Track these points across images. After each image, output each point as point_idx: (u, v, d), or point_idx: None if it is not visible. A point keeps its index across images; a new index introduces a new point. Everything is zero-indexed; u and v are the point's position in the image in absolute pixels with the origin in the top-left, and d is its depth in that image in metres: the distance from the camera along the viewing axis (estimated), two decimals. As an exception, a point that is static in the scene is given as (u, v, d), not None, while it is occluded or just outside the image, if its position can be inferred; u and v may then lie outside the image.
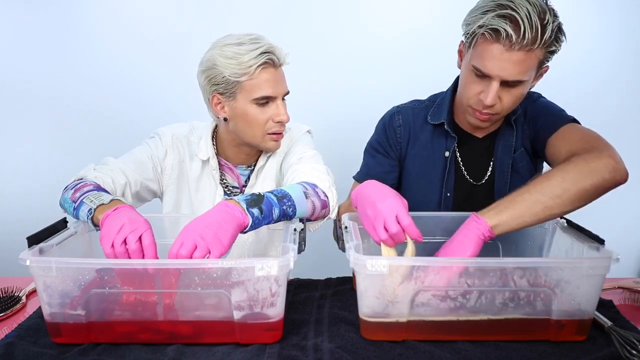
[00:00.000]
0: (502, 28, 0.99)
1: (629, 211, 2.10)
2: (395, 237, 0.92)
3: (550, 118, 1.17)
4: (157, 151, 1.25)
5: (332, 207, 1.09)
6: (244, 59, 1.09)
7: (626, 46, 2.08)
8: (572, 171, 0.95)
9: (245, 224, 0.89)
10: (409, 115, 1.31)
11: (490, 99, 1.07)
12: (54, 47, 2.09)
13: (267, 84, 1.12)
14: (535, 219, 0.95)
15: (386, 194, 0.95)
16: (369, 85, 2.08)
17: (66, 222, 1.02)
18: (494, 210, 0.95)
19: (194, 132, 1.29)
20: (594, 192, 0.95)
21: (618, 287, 1.15)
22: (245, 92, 1.13)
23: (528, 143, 1.24)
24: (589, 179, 0.94)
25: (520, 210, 0.94)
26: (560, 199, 0.94)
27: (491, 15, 1.01)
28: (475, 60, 1.07)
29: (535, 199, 0.94)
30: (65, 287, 0.86)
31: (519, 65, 1.02)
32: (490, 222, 0.93)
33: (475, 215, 0.96)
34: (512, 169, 1.24)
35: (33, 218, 1.24)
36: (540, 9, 1.00)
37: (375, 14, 2.08)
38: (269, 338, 0.89)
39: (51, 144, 2.19)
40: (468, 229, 0.95)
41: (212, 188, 1.28)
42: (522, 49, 1.00)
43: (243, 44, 1.10)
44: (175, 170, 1.27)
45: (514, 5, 0.99)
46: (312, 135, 1.34)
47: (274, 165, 1.29)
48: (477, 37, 1.05)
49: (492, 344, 0.88)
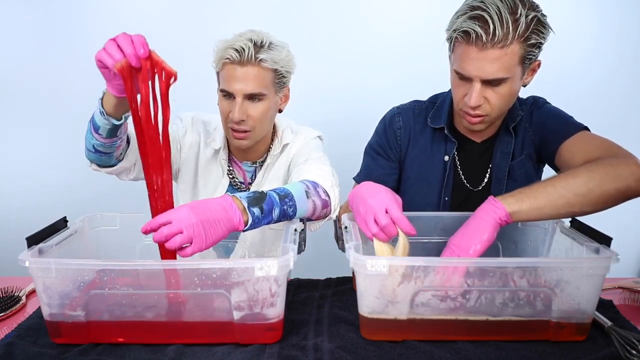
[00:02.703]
0: (471, 29, 1.00)
1: (629, 211, 2.08)
2: (386, 230, 0.92)
3: (561, 124, 1.16)
4: (177, 130, 1.29)
5: (333, 207, 1.09)
6: (217, 49, 1.15)
7: (625, 47, 2.08)
8: (599, 172, 0.95)
9: (241, 226, 0.89)
10: (410, 117, 1.30)
11: (474, 100, 1.06)
12: (54, 46, 2.09)
13: (227, 79, 1.15)
14: (556, 213, 0.95)
15: (378, 190, 0.96)
16: (369, 85, 2.08)
17: (66, 221, 1.02)
18: (515, 198, 0.94)
19: (211, 122, 1.32)
20: (617, 197, 0.95)
21: (618, 287, 1.15)
22: (219, 81, 1.18)
23: (532, 149, 1.22)
24: (615, 183, 0.94)
25: (542, 202, 0.93)
26: (583, 198, 0.93)
27: (462, 19, 1.02)
28: (455, 64, 1.08)
29: (559, 194, 0.93)
30: (64, 288, 0.86)
31: (495, 63, 1.02)
32: (510, 208, 0.93)
33: (493, 199, 0.95)
34: (509, 176, 1.23)
35: (33, 218, 1.24)
36: (512, 5, 1.00)
37: (376, 14, 2.08)
38: (269, 338, 0.89)
39: (51, 144, 2.19)
40: (485, 212, 0.94)
41: (218, 175, 1.30)
42: (495, 46, 1.00)
43: (232, 37, 1.15)
44: (193, 148, 1.31)
45: (485, 5, 1.00)
46: (323, 142, 1.35)
47: (283, 166, 1.29)
48: (453, 41, 1.07)
49: (492, 344, 0.88)
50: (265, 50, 1.13)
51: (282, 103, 1.25)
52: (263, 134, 1.24)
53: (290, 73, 1.21)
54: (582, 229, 0.97)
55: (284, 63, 1.16)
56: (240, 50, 1.11)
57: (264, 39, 1.14)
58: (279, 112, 1.26)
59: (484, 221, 0.93)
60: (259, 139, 1.24)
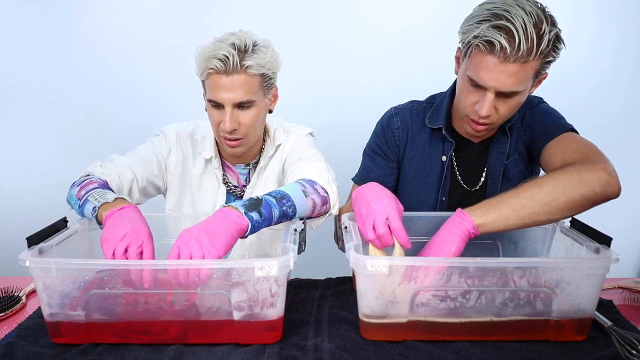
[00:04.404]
0: (496, 40, 0.97)
1: (629, 211, 2.09)
2: (382, 239, 0.92)
3: (548, 125, 1.16)
4: (161, 148, 1.26)
5: (332, 203, 1.08)
6: (200, 59, 1.10)
7: (625, 47, 2.08)
8: (563, 180, 0.94)
9: (244, 228, 0.89)
10: (407, 117, 1.30)
11: (486, 110, 1.06)
12: (54, 46, 2.09)
13: (213, 90, 1.11)
14: (521, 223, 0.94)
15: (382, 195, 0.95)
16: (368, 86, 2.08)
17: (66, 221, 1.02)
18: (481, 209, 0.94)
19: (197, 131, 1.30)
20: (583, 203, 0.94)
21: (618, 287, 1.15)
22: (206, 90, 1.15)
23: (523, 148, 1.23)
24: (580, 189, 0.93)
25: (507, 213, 0.93)
26: (548, 206, 0.93)
27: (486, 26, 0.99)
28: (470, 71, 1.05)
29: (523, 204, 0.93)
30: (65, 288, 0.86)
31: (514, 77, 1.01)
32: (476, 220, 0.93)
33: (461, 212, 0.95)
34: (504, 175, 1.23)
35: (33, 218, 1.24)
36: (536, 19, 0.97)
37: (375, 15, 2.07)
38: (269, 338, 0.89)
39: (51, 144, 2.19)
40: (453, 225, 0.94)
41: (214, 187, 1.28)
42: (517, 60, 0.98)
43: (213, 44, 1.10)
44: (179, 167, 1.28)
45: (510, 15, 0.97)
46: (315, 138, 1.34)
47: (276, 166, 1.29)
48: (472, 47, 1.03)
49: (492, 344, 0.88)
50: (249, 55, 1.08)
51: (271, 103, 1.22)
52: (256, 138, 1.22)
53: (276, 73, 1.17)
54: (582, 229, 0.97)
55: (270, 65, 1.12)
56: (224, 59, 1.06)
57: (247, 42, 1.09)
58: (269, 112, 1.24)
59: (452, 233, 0.93)
60: (252, 144, 1.23)
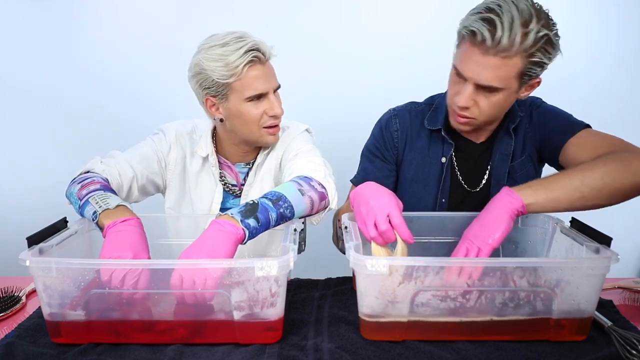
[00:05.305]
0: (478, 30, 0.98)
1: (629, 211, 2.09)
2: (384, 236, 0.92)
3: (564, 123, 1.16)
4: (161, 146, 1.26)
5: (331, 197, 1.08)
6: (230, 60, 1.09)
7: (625, 47, 2.08)
8: (616, 167, 0.94)
9: (241, 237, 0.89)
10: (406, 119, 1.29)
11: (463, 100, 1.06)
12: (54, 46, 2.09)
13: (256, 82, 1.12)
14: (571, 206, 0.95)
15: (381, 193, 0.95)
16: (367, 86, 2.08)
17: (66, 221, 1.02)
18: (531, 189, 0.94)
19: (196, 130, 1.30)
20: (631, 192, 0.95)
21: (618, 287, 1.15)
22: (236, 93, 1.13)
23: (533, 149, 1.22)
24: (632, 177, 0.94)
25: (558, 195, 0.94)
26: (599, 192, 0.93)
27: (475, 17, 1.00)
28: (456, 60, 1.07)
29: (575, 187, 0.94)
30: (65, 288, 0.86)
31: (493, 71, 1.01)
32: (526, 199, 0.93)
33: (509, 190, 0.95)
34: (509, 177, 1.23)
35: (33, 218, 1.24)
36: (527, 17, 0.97)
37: (373, 16, 2.07)
38: (269, 338, 0.89)
39: (51, 144, 2.19)
40: (502, 203, 0.94)
41: (211, 185, 1.28)
42: (497, 54, 0.98)
43: (227, 44, 1.09)
44: (179, 165, 1.28)
45: (501, 9, 0.97)
46: (312, 134, 1.33)
47: (273, 163, 1.28)
48: (460, 37, 1.06)
49: (492, 344, 0.88)
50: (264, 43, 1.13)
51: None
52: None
53: None
54: (582, 229, 0.97)
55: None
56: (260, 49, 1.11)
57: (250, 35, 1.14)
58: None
59: (501, 211, 0.93)
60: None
